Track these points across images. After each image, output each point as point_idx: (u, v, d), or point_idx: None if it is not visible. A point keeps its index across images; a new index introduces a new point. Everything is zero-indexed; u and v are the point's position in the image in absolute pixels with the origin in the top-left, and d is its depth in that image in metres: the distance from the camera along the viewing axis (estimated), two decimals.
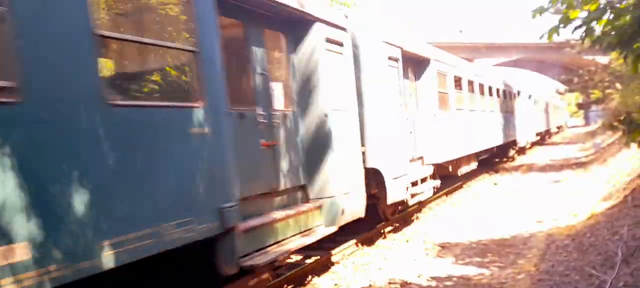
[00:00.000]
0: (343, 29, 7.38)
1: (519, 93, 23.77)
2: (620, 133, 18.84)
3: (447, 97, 12.52)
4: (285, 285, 6.51)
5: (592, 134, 37.26)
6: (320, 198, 6.63)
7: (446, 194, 13.70)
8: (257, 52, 5.94)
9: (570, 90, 68.37)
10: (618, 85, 28.03)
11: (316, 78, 6.60)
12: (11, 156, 2.90)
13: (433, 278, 6.71)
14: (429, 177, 10.83)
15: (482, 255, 7.66)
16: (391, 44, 9.21)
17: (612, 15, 5.67)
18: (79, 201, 3.29)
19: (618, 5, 5.75)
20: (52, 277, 3.05)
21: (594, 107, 59.68)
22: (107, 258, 3.45)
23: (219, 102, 4.77)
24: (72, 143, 3.32)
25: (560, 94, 65.35)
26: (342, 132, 6.96)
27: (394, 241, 8.91)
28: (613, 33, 5.90)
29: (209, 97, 4.60)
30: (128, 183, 3.74)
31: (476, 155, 15.53)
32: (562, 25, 5.91)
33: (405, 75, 10.24)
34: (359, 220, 7.57)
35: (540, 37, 6.54)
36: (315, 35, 6.61)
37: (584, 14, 5.80)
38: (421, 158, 10.90)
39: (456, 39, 54.74)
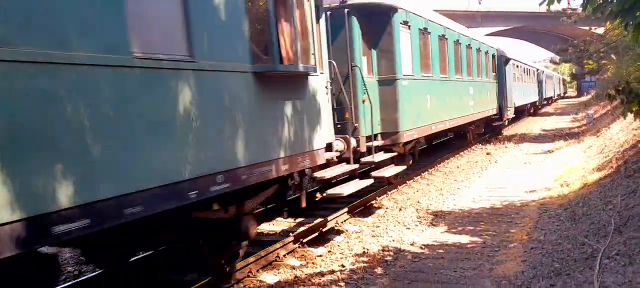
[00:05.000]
0: None
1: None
2: (613, 103, 18.85)
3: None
4: (279, 251, 6.50)
5: (585, 105, 37.35)
6: None
7: (438, 163, 13.71)
8: None
9: (565, 61, 68.12)
10: (613, 56, 27.92)
11: None
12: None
13: (426, 246, 6.72)
14: None
15: (474, 223, 7.68)
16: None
17: None
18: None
19: None
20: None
21: (587, 78, 59.64)
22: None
23: None
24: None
25: (555, 64, 65.20)
26: None
27: (387, 209, 8.91)
28: (615, 1, 5.80)
29: None
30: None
31: None
32: None
33: None
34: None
35: (540, 4, 6.42)
36: None
37: None
38: None
39: (450, 7, 54.08)
